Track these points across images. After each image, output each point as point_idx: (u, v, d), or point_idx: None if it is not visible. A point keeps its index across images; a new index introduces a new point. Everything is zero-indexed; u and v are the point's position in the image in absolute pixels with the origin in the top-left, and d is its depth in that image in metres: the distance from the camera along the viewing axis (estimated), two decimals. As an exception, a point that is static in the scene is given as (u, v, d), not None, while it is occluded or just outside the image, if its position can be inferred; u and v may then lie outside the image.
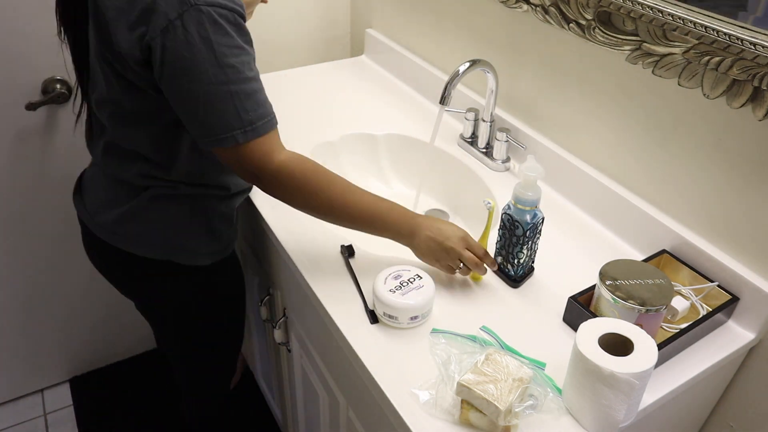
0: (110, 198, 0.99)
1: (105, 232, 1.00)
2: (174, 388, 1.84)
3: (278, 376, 1.45)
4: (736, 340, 0.86)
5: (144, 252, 0.99)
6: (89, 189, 1.04)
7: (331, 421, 1.12)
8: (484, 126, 1.21)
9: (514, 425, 0.71)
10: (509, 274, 0.93)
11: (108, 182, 1.00)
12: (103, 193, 1.01)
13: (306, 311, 1.05)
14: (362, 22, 1.68)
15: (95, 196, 1.02)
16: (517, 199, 0.86)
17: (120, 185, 0.98)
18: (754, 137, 0.81)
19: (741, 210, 0.86)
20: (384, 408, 0.78)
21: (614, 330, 0.71)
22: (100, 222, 1.00)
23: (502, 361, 0.74)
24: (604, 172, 1.06)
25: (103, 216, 1.00)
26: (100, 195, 1.01)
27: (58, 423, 1.77)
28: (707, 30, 0.78)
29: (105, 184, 1.01)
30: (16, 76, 1.35)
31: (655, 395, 0.77)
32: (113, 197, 0.99)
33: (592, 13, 0.96)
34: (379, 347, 0.83)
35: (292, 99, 1.45)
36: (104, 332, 1.85)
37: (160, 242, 0.99)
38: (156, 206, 0.97)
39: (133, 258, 1.00)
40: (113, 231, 0.99)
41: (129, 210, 0.97)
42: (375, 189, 1.33)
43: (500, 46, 1.20)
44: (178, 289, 1.06)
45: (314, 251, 0.99)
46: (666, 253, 0.94)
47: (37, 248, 1.59)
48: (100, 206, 1.00)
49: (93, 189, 1.03)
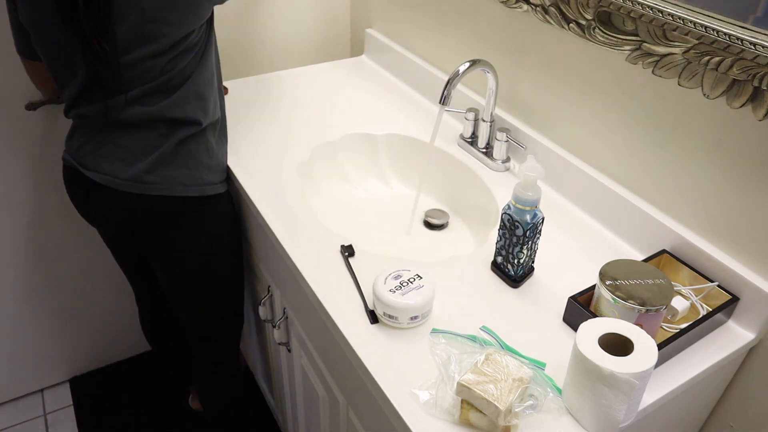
0: (134, 153, 1.06)
1: (135, 183, 1.07)
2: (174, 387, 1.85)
3: (278, 377, 1.45)
4: (736, 340, 0.86)
5: (178, 192, 1.09)
6: (99, 157, 1.08)
7: (331, 421, 1.12)
8: (484, 126, 1.21)
9: (514, 425, 0.71)
10: (509, 274, 0.93)
11: (128, 139, 1.06)
12: (124, 152, 1.06)
13: (306, 311, 1.05)
14: (362, 22, 1.68)
15: (114, 159, 1.07)
16: (517, 199, 0.86)
17: (144, 137, 1.05)
18: (754, 137, 0.81)
19: (741, 210, 0.86)
20: (384, 408, 0.78)
21: (614, 330, 0.71)
22: (128, 176, 1.06)
23: (502, 361, 0.74)
24: (604, 172, 1.06)
25: (129, 171, 1.06)
26: (121, 155, 1.07)
27: (58, 423, 1.77)
28: (707, 30, 0.78)
29: (124, 143, 1.06)
30: (16, 76, 1.34)
31: (655, 395, 0.77)
32: (138, 152, 1.06)
33: (592, 13, 0.96)
34: (379, 347, 0.83)
35: (292, 99, 1.45)
36: (104, 332, 1.85)
37: (190, 181, 1.10)
38: (182, 148, 1.08)
39: (163, 201, 1.09)
40: (143, 180, 1.07)
41: (158, 156, 1.06)
42: (375, 189, 1.33)
43: (500, 46, 1.20)
44: (205, 222, 1.17)
45: (314, 251, 0.99)
46: (666, 253, 0.94)
47: (36, 248, 1.59)
48: (123, 164, 1.07)
49: (108, 154, 1.07)
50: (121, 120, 1.04)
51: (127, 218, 1.13)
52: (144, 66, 0.99)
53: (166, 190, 1.08)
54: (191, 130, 1.08)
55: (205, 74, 1.08)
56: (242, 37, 1.59)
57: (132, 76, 1.00)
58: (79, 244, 1.65)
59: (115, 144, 1.07)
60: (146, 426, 1.76)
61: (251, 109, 1.40)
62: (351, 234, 1.07)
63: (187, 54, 1.03)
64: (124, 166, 1.07)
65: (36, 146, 1.45)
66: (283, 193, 1.13)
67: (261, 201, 1.10)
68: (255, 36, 1.61)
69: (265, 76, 1.55)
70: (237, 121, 1.34)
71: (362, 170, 1.34)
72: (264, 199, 1.11)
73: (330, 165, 1.30)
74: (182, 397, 1.82)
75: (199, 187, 1.12)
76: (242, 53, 1.61)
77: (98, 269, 1.71)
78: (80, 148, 1.10)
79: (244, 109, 1.39)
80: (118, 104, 1.02)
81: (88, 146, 1.09)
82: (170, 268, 1.23)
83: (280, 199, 1.11)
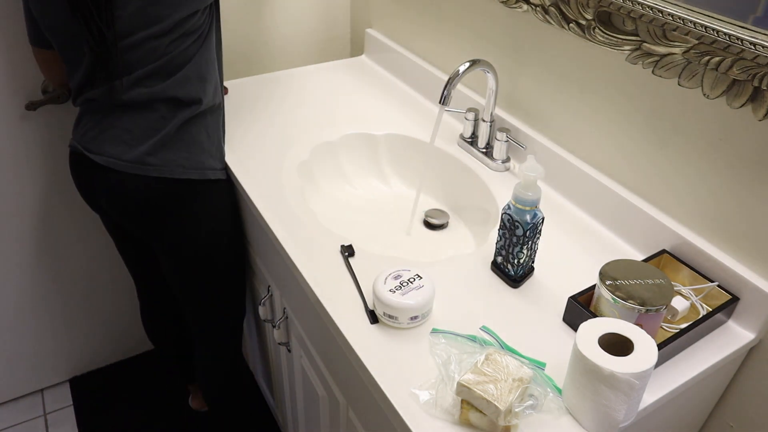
0: (137, 136, 1.08)
1: (139, 165, 1.09)
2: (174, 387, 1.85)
3: (278, 377, 1.45)
4: (736, 340, 0.86)
5: (179, 174, 1.11)
6: (104, 141, 1.10)
7: (331, 421, 1.12)
8: (484, 126, 1.21)
9: (514, 425, 0.71)
10: (509, 274, 0.93)
11: (131, 122, 1.08)
12: (127, 134, 1.09)
13: (306, 311, 1.05)
14: (362, 22, 1.68)
15: (118, 141, 1.09)
16: (517, 199, 0.86)
17: (146, 120, 1.08)
18: (754, 137, 0.81)
19: (741, 210, 0.86)
20: (384, 408, 0.78)
21: (614, 330, 0.71)
22: (132, 158, 1.09)
23: (502, 361, 0.74)
24: (604, 172, 1.06)
25: (133, 152, 1.09)
26: (124, 137, 1.09)
27: (58, 423, 1.77)
28: (707, 30, 0.78)
29: (127, 126, 1.09)
30: (16, 76, 1.35)
31: (655, 395, 0.77)
32: (140, 134, 1.08)
33: (592, 13, 0.96)
34: (379, 347, 0.83)
35: (292, 99, 1.45)
36: (104, 332, 1.85)
37: (190, 164, 1.12)
38: (183, 130, 1.10)
39: (166, 183, 1.11)
40: (146, 162, 1.09)
41: (161, 139, 1.08)
42: (375, 189, 1.33)
43: (500, 46, 1.20)
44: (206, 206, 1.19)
45: (314, 251, 0.99)
46: (666, 253, 0.94)
47: (37, 249, 1.59)
48: (127, 147, 1.09)
49: (112, 138, 1.10)
50: (124, 102, 1.06)
51: (131, 200, 1.14)
52: (146, 47, 1.02)
53: (167, 172, 1.10)
54: (192, 111, 1.10)
55: (207, 56, 1.10)
56: (242, 37, 1.59)
57: (135, 58, 1.03)
58: (79, 245, 1.65)
59: (119, 127, 1.09)
60: (146, 426, 1.76)
61: (251, 109, 1.40)
62: (351, 234, 1.07)
63: (190, 36, 1.05)
64: (128, 148, 1.09)
65: (36, 146, 1.45)
66: (283, 193, 1.13)
67: (261, 201, 1.10)
68: (255, 36, 1.61)
69: (265, 76, 1.55)
70: (237, 121, 1.34)
71: (362, 170, 1.34)
72: (264, 199, 1.11)
73: (330, 165, 1.30)
74: (182, 397, 1.82)
75: (200, 170, 1.14)
76: (242, 53, 1.61)
77: (99, 269, 1.71)
78: (86, 134, 1.13)
79: (244, 109, 1.39)
80: (122, 86, 1.05)
81: (93, 131, 1.12)
82: (172, 252, 1.24)
83: (280, 199, 1.11)
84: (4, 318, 1.65)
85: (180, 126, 1.10)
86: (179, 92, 1.07)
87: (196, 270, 1.27)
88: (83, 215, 1.59)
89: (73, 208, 1.58)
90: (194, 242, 1.22)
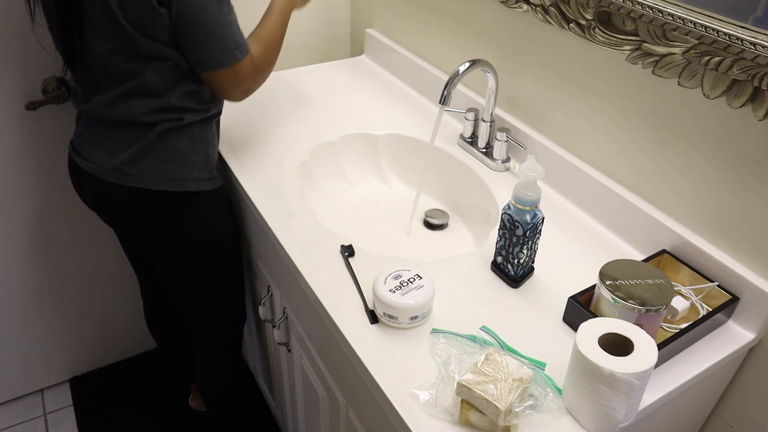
0: (117, 145, 1.08)
1: (117, 174, 1.08)
2: (174, 387, 1.85)
3: (278, 377, 1.45)
4: (736, 340, 0.86)
5: (156, 185, 1.08)
6: (91, 146, 1.10)
7: (331, 421, 1.12)
8: (484, 126, 1.21)
9: (514, 425, 0.71)
10: (509, 274, 0.93)
11: (113, 131, 1.08)
12: (109, 142, 1.08)
13: (306, 311, 1.05)
14: (362, 22, 1.68)
15: (100, 149, 1.09)
16: (517, 199, 0.86)
17: (127, 129, 1.06)
18: (754, 137, 0.81)
19: (741, 210, 0.86)
20: (384, 408, 0.78)
21: (614, 330, 0.71)
22: (111, 166, 1.08)
23: (502, 361, 0.74)
24: (604, 172, 1.06)
25: (112, 161, 1.08)
26: (106, 145, 1.09)
27: (58, 423, 1.77)
28: (707, 30, 0.78)
29: (110, 134, 1.08)
30: (16, 76, 1.35)
31: (655, 395, 0.77)
32: (120, 143, 1.07)
33: (592, 13, 0.96)
34: (379, 347, 0.83)
35: (293, 99, 1.45)
36: (104, 332, 1.85)
37: (169, 175, 1.09)
38: (163, 141, 1.07)
39: (145, 194, 1.09)
40: (124, 172, 1.08)
41: (139, 149, 1.07)
42: (375, 189, 1.33)
43: (500, 46, 1.20)
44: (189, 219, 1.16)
45: (314, 251, 0.99)
46: (666, 253, 0.94)
47: (37, 249, 1.59)
48: (108, 155, 1.08)
49: (97, 144, 1.10)
50: (104, 118, 1.07)
51: (114, 209, 1.14)
52: (112, 63, 1.01)
53: (144, 183, 1.08)
54: (174, 124, 1.07)
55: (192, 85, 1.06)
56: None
57: (105, 74, 1.03)
58: (80, 245, 1.65)
59: (102, 135, 1.09)
60: (146, 426, 1.76)
61: (251, 109, 1.40)
62: (351, 234, 1.07)
63: (163, 62, 1.01)
64: (109, 156, 1.08)
65: (36, 146, 1.45)
66: (283, 193, 1.13)
67: (261, 201, 1.10)
68: (255, 36, 1.60)
69: (265, 76, 1.55)
70: (237, 121, 1.34)
71: (362, 170, 1.34)
72: (264, 199, 1.11)
73: (330, 165, 1.30)
74: (182, 397, 1.82)
75: (179, 182, 1.10)
76: (242, 53, 1.61)
77: (99, 270, 1.71)
78: (79, 136, 1.13)
79: (244, 109, 1.39)
80: (101, 103, 1.05)
81: (84, 135, 1.12)
82: (161, 261, 1.23)
83: (280, 199, 1.11)
84: (4, 318, 1.65)
85: (160, 136, 1.07)
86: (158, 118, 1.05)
87: (188, 278, 1.25)
88: (83, 215, 1.59)
89: (73, 208, 1.58)
90: (183, 252, 1.20)
